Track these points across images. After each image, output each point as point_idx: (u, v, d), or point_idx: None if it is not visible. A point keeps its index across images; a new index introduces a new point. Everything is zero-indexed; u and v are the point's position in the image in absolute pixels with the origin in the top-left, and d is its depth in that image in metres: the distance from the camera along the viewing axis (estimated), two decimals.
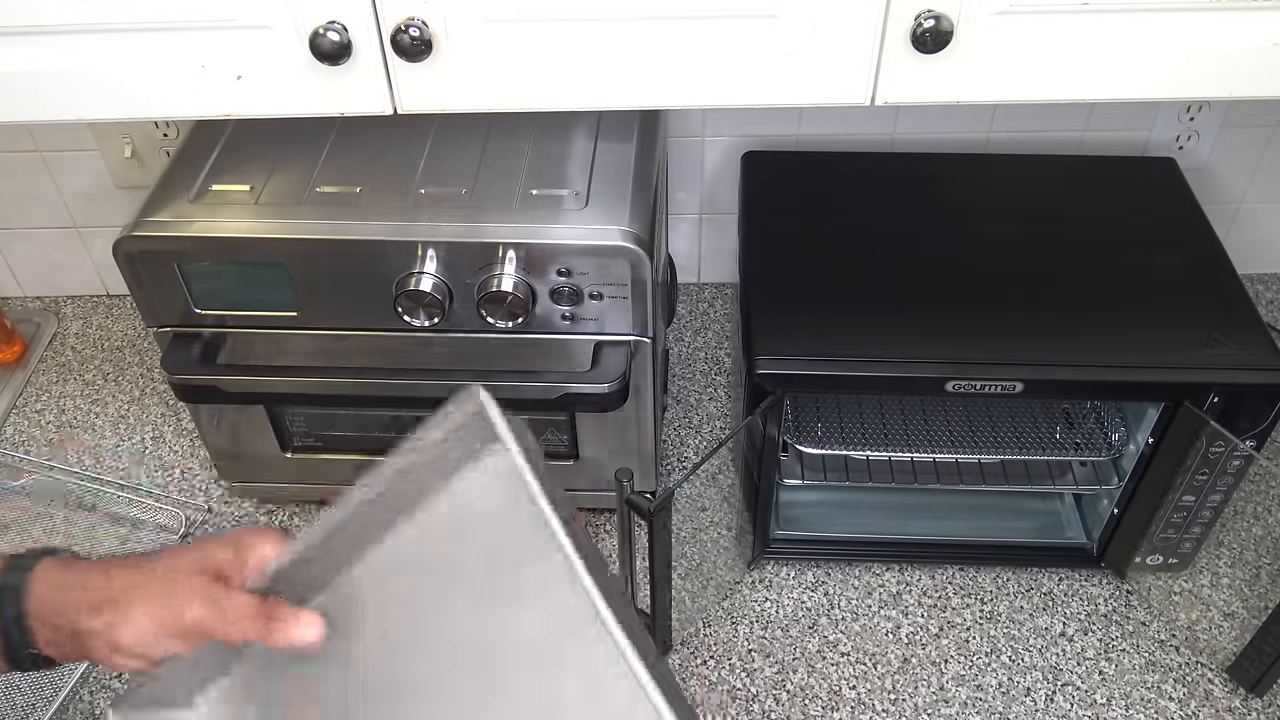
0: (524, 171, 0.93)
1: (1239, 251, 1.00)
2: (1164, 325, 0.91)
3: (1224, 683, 0.97)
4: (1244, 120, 1.21)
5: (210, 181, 0.93)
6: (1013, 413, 1.07)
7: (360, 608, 0.64)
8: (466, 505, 0.61)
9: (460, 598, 0.62)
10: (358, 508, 0.61)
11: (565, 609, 0.58)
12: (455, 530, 0.62)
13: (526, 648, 0.61)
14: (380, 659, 0.64)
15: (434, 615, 0.62)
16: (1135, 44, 0.70)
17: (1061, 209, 1.04)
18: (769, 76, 0.72)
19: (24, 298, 1.41)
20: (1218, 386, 0.87)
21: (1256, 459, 0.91)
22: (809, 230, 1.03)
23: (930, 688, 0.97)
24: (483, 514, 0.61)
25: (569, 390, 0.94)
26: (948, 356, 0.88)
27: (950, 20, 0.68)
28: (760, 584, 1.07)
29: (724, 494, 1.12)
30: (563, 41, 0.71)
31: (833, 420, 1.07)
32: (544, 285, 0.89)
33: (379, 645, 0.63)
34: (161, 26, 0.70)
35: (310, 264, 0.90)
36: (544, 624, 0.60)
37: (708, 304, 1.39)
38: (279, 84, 0.73)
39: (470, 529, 0.61)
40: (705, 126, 1.23)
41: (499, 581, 0.61)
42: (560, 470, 1.07)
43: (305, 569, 0.63)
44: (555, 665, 0.60)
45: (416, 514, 0.62)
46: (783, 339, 0.91)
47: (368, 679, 0.64)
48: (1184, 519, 0.97)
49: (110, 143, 1.23)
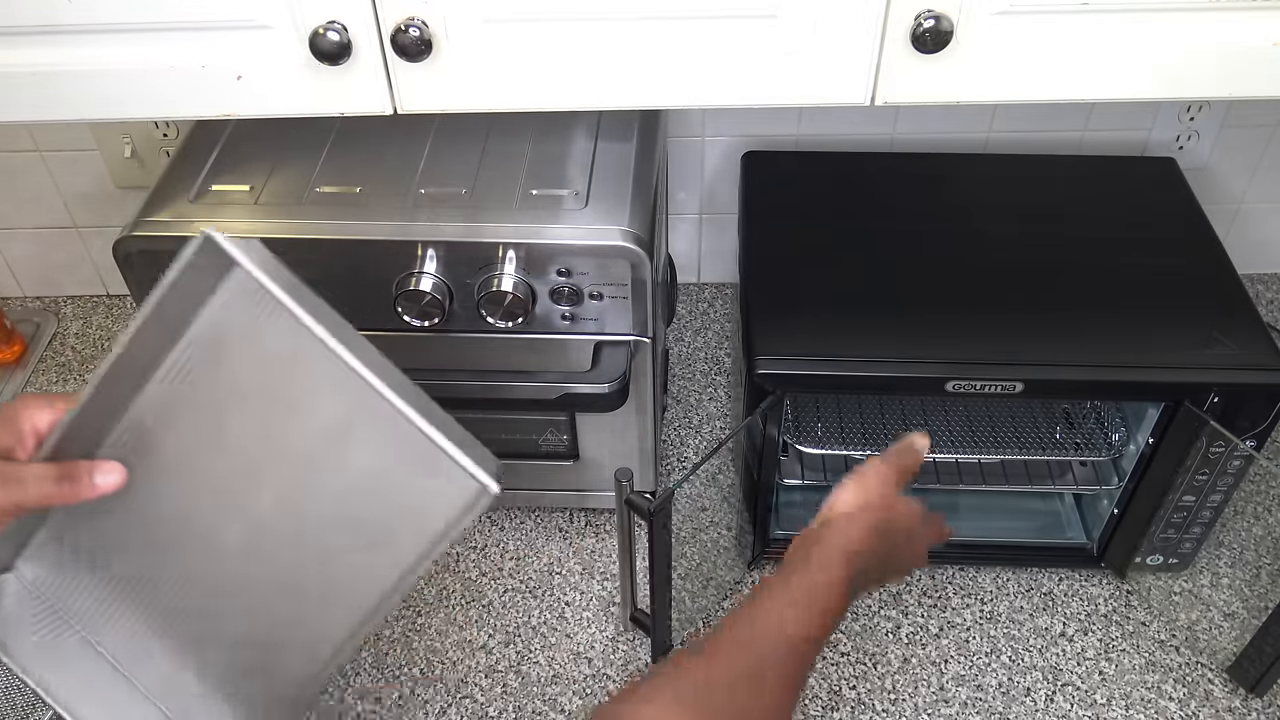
0: (524, 171, 0.93)
1: (1239, 251, 1.00)
2: (1164, 325, 0.91)
3: (1224, 683, 0.97)
4: (1244, 120, 1.21)
5: (210, 181, 0.93)
6: (1013, 413, 1.07)
7: (148, 442, 0.68)
8: (221, 328, 0.66)
9: (240, 411, 0.67)
10: (118, 359, 0.64)
11: (342, 392, 0.63)
12: (216, 352, 0.66)
13: (317, 438, 0.67)
14: (177, 483, 0.70)
15: (219, 434, 0.68)
16: (1135, 44, 0.70)
17: (1061, 209, 1.04)
18: (769, 76, 0.72)
19: (24, 298, 1.41)
20: (1218, 386, 0.87)
21: (1256, 459, 0.91)
22: (809, 230, 1.03)
23: (930, 688, 0.97)
24: (238, 331, 0.65)
25: (569, 390, 0.94)
26: (948, 356, 0.88)
27: (950, 20, 0.68)
28: None
29: (724, 494, 1.12)
30: (563, 41, 0.71)
31: (833, 420, 1.07)
32: (544, 285, 0.89)
33: (174, 471, 0.69)
34: (161, 27, 0.70)
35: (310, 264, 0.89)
36: (329, 412, 0.65)
37: (708, 304, 1.39)
38: (279, 84, 0.73)
39: (231, 347, 0.66)
40: (705, 126, 1.24)
41: (272, 386, 0.66)
42: (560, 470, 1.08)
43: (85, 424, 0.66)
44: (345, 445, 0.66)
45: (176, 349, 0.67)
46: (783, 339, 0.91)
47: (170, 504, 0.70)
48: (1184, 519, 0.97)
49: (110, 143, 1.23)
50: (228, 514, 0.70)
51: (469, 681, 0.99)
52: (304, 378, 0.65)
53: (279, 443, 0.68)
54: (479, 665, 1.00)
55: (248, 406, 0.67)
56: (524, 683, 0.99)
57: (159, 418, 0.68)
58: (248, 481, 0.69)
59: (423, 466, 0.64)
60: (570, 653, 1.01)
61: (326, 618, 0.71)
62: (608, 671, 1.00)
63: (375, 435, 0.65)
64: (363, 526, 0.68)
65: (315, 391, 0.66)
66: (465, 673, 1.00)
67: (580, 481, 1.09)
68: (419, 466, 0.64)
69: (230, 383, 0.67)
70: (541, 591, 1.06)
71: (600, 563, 1.09)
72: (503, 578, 1.08)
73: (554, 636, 1.03)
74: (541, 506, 1.14)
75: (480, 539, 1.11)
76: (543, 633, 1.03)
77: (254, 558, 0.71)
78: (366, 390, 0.62)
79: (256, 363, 0.66)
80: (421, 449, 0.62)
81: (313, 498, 0.69)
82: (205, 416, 0.68)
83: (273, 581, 0.72)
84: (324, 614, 0.71)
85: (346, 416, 0.66)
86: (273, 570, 0.71)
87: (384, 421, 0.63)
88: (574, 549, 1.10)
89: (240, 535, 0.71)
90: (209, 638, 0.74)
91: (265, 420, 0.68)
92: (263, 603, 0.72)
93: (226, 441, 0.68)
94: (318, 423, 0.67)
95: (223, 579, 0.72)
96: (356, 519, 0.68)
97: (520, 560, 1.09)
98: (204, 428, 0.68)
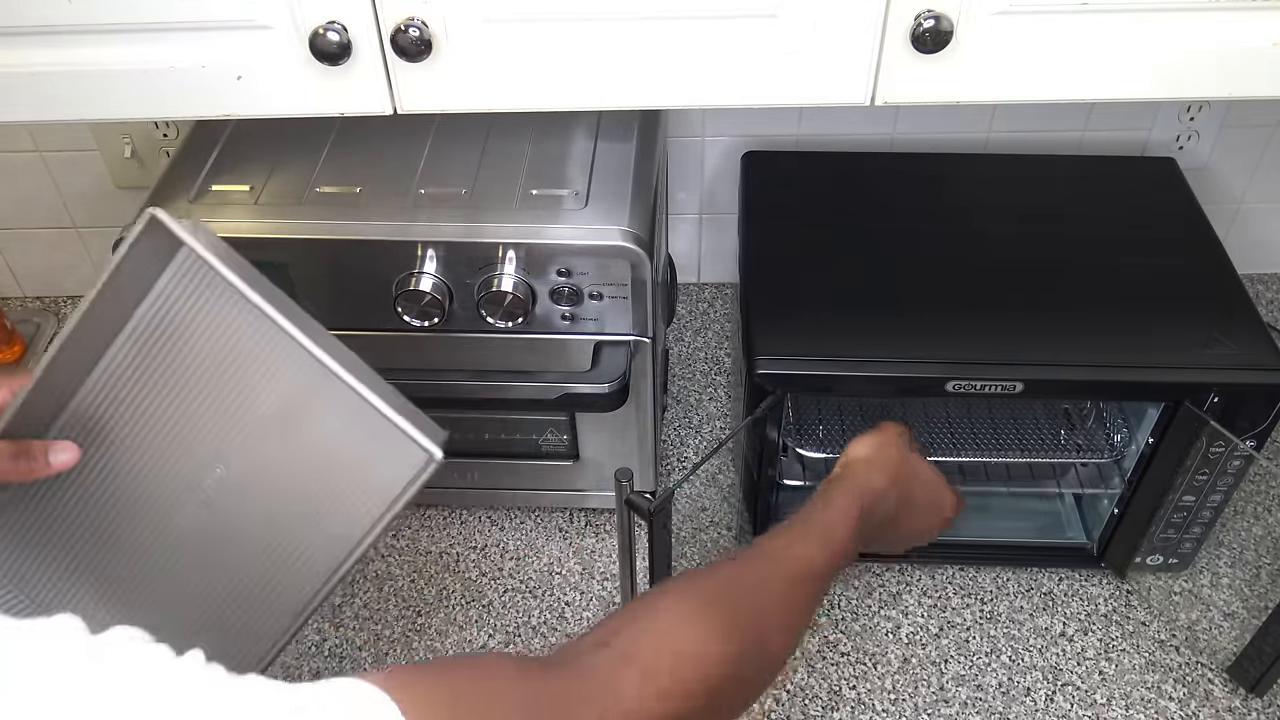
0: (524, 171, 0.93)
1: (1239, 251, 1.00)
2: (1164, 325, 0.91)
3: (1224, 683, 0.97)
4: (1244, 120, 1.21)
5: (210, 181, 0.93)
6: (1013, 413, 1.07)
7: (100, 421, 0.70)
8: (169, 307, 0.67)
9: (190, 389, 0.69)
10: (69, 338, 0.66)
11: (289, 367, 0.66)
12: (165, 332, 0.68)
13: (266, 414, 0.68)
14: (129, 462, 0.71)
15: (169, 413, 0.70)
16: (1135, 44, 0.70)
17: (1061, 209, 1.04)
18: (769, 76, 0.72)
19: (24, 298, 1.41)
20: (1218, 386, 0.87)
21: (1256, 459, 0.91)
22: (809, 230, 1.03)
23: (930, 688, 0.97)
24: (186, 310, 0.67)
25: (569, 390, 0.94)
26: (948, 356, 0.88)
27: (950, 20, 0.68)
28: None
29: (724, 494, 1.12)
30: (563, 41, 0.71)
31: (833, 421, 1.07)
32: (544, 285, 0.89)
33: (125, 449, 0.71)
34: (161, 27, 0.70)
35: (310, 264, 0.90)
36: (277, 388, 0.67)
37: (708, 304, 1.39)
38: (279, 84, 0.73)
39: (179, 326, 0.68)
40: (705, 126, 1.23)
41: (220, 364, 0.68)
42: (560, 470, 1.07)
43: (38, 403, 0.68)
44: (294, 420, 0.68)
45: (126, 329, 0.68)
46: (783, 339, 0.91)
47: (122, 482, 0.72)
48: (1184, 519, 0.97)
49: (110, 143, 1.23)
50: (179, 492, 0.72)
51: None
52: (251, 355, 0.67)
53: (228, 420, 0.69)
54: None
55: (197, 384, 0.69)
56: None
57: (111, 397, 0.70)
58: (198, 459, 0.70)
59: (371, 437, 0.65)
60: None
61: (283, 590, 0.73)
62: None
63: (323, 408, 0.67)
64: (313, 498, 0.70)
65: (263, 368, 0.67)
66: None
67: (580, 481, 1.09)
68: (367, 437, 0.65)
69: (179, 361, 0.68)
70: (541, 591, 1.06)
71: (600, 563, 1.09)
72: (503, 578, 1.08)
73: (554, 636, 1.03)
74: (541, 506, 1.14)
75: (480, 539, 1.11)
76: (543, 633, 1.03)
77: (207, 534, 0.72)
78: (313, 365, 0.64)
79: (205, 341, 0.68)
80: (369, 420, 0.64)
81: (263, 473, 0.70)
82: (156, 395, 0.69)
83: (226, 557, 0.73)
84: (280, 586, 0.73)
85: (294, 391, 0.67)
86: (226, 546, 0.73)
87: (331, 395, 0.64)
88: (574, 549, 1.10)
89: (192, 512, 0.72)
90: (164, 615, 0.75)
91: (214, 398, 0.69)
92: (216, 578, 0.74)
93: (176, 420, 0.70)
94: (266, 399, 0.68)
95: (176, 556, 0.73)
96: (307, 492, 0.70)
97: (520, 560, 1.09)
98: (154, 407, 0.70)
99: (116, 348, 0.69)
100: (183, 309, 0.67)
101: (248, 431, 0.69)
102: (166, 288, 0.67)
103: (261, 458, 0.70)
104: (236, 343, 0.67)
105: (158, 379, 0.69)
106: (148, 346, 0.68)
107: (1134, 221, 1.03)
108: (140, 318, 0.68)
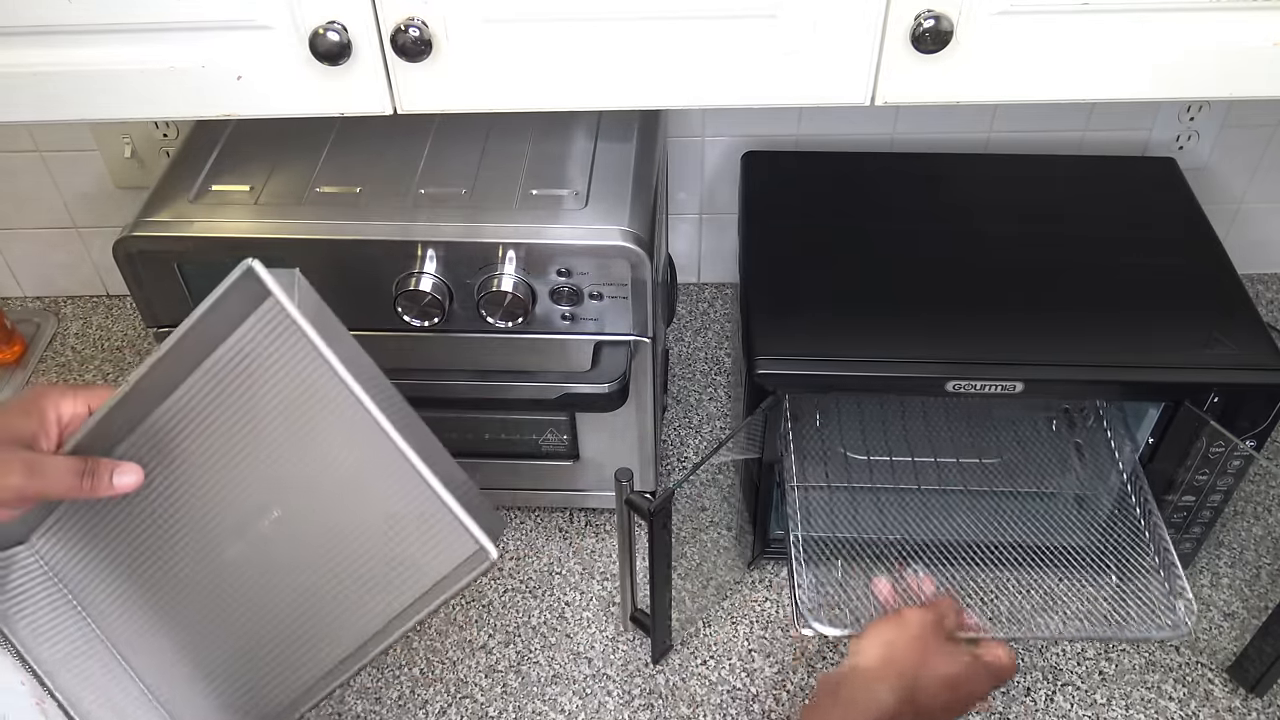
0: (524, 171, 0.93)
1: (1239, 251, 1.00)
2: (1164, 325, 0.91)
3: (1224, 683, 0.97)
4: (1244, 120, 1.21)
5: (210, 181, 0.93)
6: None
7: (165, 449, 0.71)
8: (248, 353, 0.68)
9: (255, 435, 0.70)
10: (151, 368, 0.67)
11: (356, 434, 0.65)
12: (240, 375, 0.69)
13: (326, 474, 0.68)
14: (188, 492, 0.72)
15: (232, 453, 0.70)
16: (1135, 44, 0.70)
17: (1061, 209, 1.04)
18: (769, 76, 0.72)
19: (24, 298, 1.41)
20: (1218, 386, 0.87)
21: (1256, 459, 0.91)
22: (809, 230, 1.03)
23: None
24: (264, 358, 0.68)
25: (569, 390, 0.94)
26: (948, 356, 0.88)
27: (950, 20, 0.68)
28: (760, 584, 1.07)
29: (724, 494, 1.12)
30: (563, 41, 0.71)
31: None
32: (544, 285, 0.89)
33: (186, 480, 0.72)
34: (161, 27, 0.70)
35: (310, 264, 0.89)
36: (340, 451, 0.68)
37: (708, 304, 1.39)
38: (279, 84, 0.73)
39: (255, 372, 0.68)
40: (705, 126, 1.23)
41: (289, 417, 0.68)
42: (560, 470, 1.07)
43: (109, 424, 0.69)
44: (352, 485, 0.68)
45: (204, 365, 0.69)
46: (783, 339, 0.91)
47: (179, 510, 0.73)
48: (1184, 519, 0.97)
49: (110, 143, 1.23)
50: (231, 529, 0.72)
51: (469, 681, 0.99)
52: (321, 414, 0.67)
53: (288, 472, 0.70)
54: (479, 665, 1.00)
55: (265, 429, 0.69)
56: (524, 683, 0.99)
57: (179, 428, 0.71)
58: (253, 502, 0.71)
59: (426, 519, 0.65)
60: (570, 653, 1.01)
61: (313, 647, 0.73)
62: (608, 671, 1.00)
63: (385, 484, 0.66)
64: (359, 566, 0.70)
65: (330, 429, 0.68)
66: (465, 673, 1.00)
67: (580, 481, 1.09)
68: (422, 519, 0.65)
69: (251, 404, 0.69)
70: (541, 591, 1.06)
71: (600, 563, 1.09)
72: (503, 578, 1.08)
73: (554, 636, 1.03)
74: (541, 506, 1.14)
75: None
76: (543, 633, 1.03)
77: (251, 576, 0.73)
78: (380, 437, 0.63)
79: (279, 391, 0.68)
80: (430, 506, 0.64)
81: (313, 530, 0.70)
82: (222, 434, 0.70)
83: (265, 602, 0.73)
84: (311, 643, 0.73)
85: (358, 458, 0.67)
86: (267, 591, 0.73)
87: (395, 472, 0.64)
88: (574, 549, 1.10)
89: (240, 552, 0.72)
90: (205, 641, 0.76)
91: (278, 448, 0.69)
92: (255, 620, 0.74)
93: (238, 461, 0.70)
94: (328, 459, 0.68)
95: (220, 589, 0.74)
96: (354, 558, 0.70)
97: (520, 560, 1.09)
98: (219, 444, 0.70)
99: (194, 379, 0.69)
100: (262, 355, 0.68)
101: (307, 485, 0.70)
102: (249, 333, 0.68)
103: (317, 513, 0.70)
104: (309, 399, 0.67)
105: (228, 416, 0.70)
106: (224, 384, 0.69)
107: (1134, 221, 1.03)
108: (220, 355, 0.69)
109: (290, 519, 0.71)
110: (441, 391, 0.95)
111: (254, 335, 0.68)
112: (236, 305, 0.66)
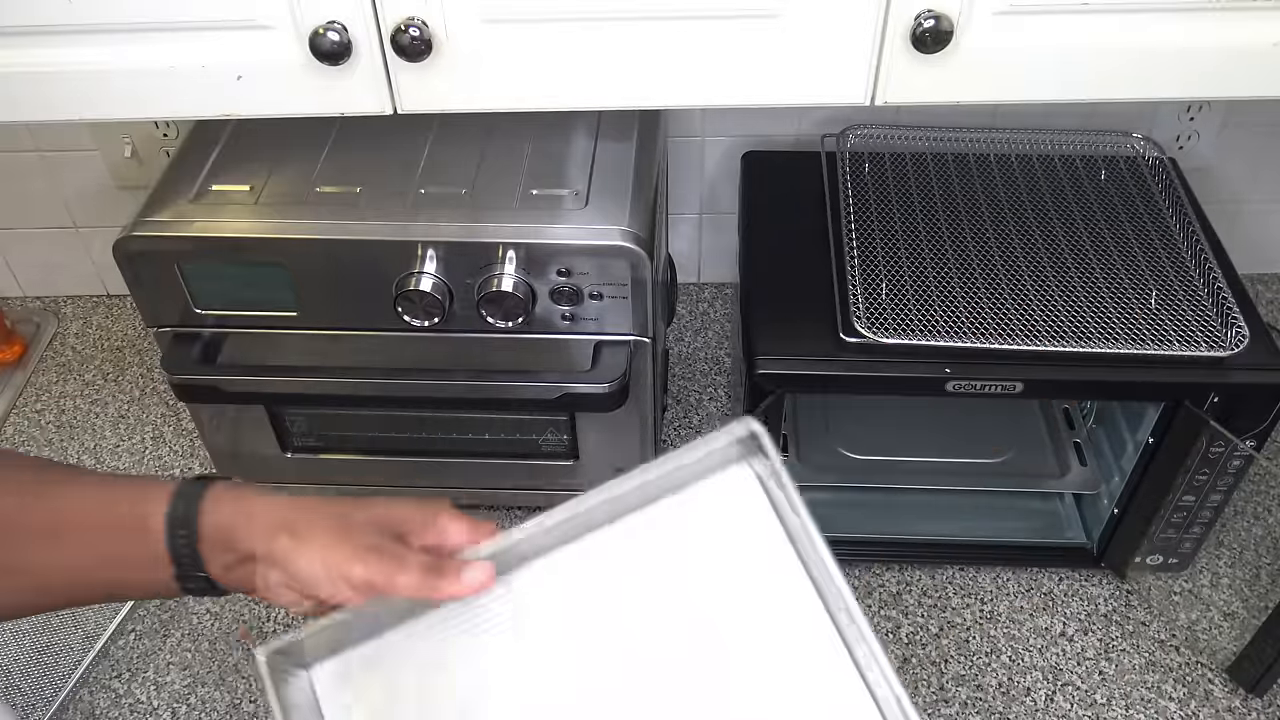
0: (524, 171, 0.93)
1: (1239, 251, 1.00)
2: (1164, 325, 0.91)
3: (1224, 683, 0.97)
4: (1244, 120, 1.21)
5: (210, 181, 0.93)
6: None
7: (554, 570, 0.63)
8: (707, 505, 0.61)
9: (672, 592, 0.60)
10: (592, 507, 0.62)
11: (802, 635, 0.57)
12: (683, 526, 0.61)
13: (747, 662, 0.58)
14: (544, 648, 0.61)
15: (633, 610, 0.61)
16: (1135, 44, 0.70)
17: (1061, 209, 1.04)
18: (769, 76, 0.72)
19: (24, 298, 1.41)
20: (1218, 386, 0.87)
21: (1256, 459, 0.91)
22: (809, 230, 1.03)
23: (930, 688, 0.97)
24: (724, 517, 0.61)
25: (569, 390, 0.94)
26: (948, 356, 0.88)
27: (950, 20, 0.68)
28: None
29: None
30: (562, 41, 0.71)
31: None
32: (544, 285, 0.89)
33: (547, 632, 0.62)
34: (161, 27, 0.70)
35: (310, 264, 0.90)
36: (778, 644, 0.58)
37: (708, 304, 1.39)
38: (279, 84, 0.73)
39: (704, 526, 0.61)
40: (705, 126, 1.23)
41: (725, 589, 0.59)
42: (560, 470, 1.07)
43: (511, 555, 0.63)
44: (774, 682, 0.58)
45: (647, 509, 0.62)
46: (783, 339, 0.91)
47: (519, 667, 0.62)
48: (1184, 519, 0.97)
49: (110, 143, 1.23)
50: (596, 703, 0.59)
51: None
52: (768, 600, 0.58)
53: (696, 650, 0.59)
54: None
55: (684, 593, 0.60)
56: None
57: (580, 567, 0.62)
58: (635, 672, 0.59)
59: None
60: None
61: None
62: None
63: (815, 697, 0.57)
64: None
65: (771, 617, 0.58)
66: None
67: (580, 481, 1.09)
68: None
69: (680, 560, 0.60)
70: None
71: None
72: None
73: None
74: (541, 506, 1.13)
75: None
76: None
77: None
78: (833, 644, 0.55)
79: (723, 556, 0.60)
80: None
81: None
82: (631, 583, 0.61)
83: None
84: None
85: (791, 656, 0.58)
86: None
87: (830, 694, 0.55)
88: None
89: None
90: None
91: (693, 618, 0.59)
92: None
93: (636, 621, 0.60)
94: (759, 649, 0.58)
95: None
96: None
97: None
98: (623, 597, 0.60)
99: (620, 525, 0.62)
100: (721, 513, 0.60)
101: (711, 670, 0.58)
102: (705, 490, 0.61)
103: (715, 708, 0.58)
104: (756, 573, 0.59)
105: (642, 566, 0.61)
106: (649, 531, 0.61)
107: (1134, 222, 1.03)
108: (671, 503, 0.61)
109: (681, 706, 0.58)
110: (441, 391, 0.95)
111: (713, 492, 0.61)
112: (715, 459, 0.60)
